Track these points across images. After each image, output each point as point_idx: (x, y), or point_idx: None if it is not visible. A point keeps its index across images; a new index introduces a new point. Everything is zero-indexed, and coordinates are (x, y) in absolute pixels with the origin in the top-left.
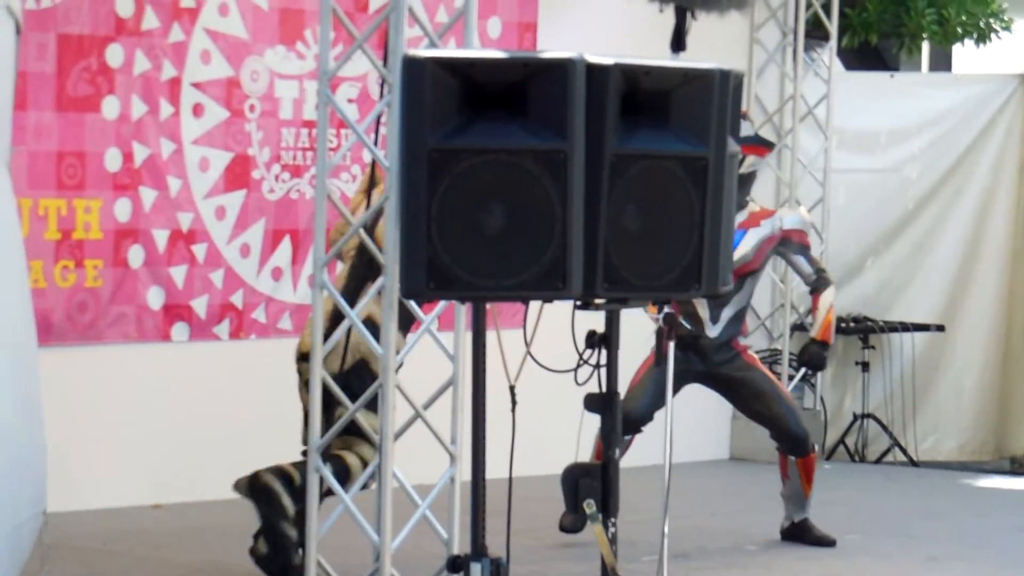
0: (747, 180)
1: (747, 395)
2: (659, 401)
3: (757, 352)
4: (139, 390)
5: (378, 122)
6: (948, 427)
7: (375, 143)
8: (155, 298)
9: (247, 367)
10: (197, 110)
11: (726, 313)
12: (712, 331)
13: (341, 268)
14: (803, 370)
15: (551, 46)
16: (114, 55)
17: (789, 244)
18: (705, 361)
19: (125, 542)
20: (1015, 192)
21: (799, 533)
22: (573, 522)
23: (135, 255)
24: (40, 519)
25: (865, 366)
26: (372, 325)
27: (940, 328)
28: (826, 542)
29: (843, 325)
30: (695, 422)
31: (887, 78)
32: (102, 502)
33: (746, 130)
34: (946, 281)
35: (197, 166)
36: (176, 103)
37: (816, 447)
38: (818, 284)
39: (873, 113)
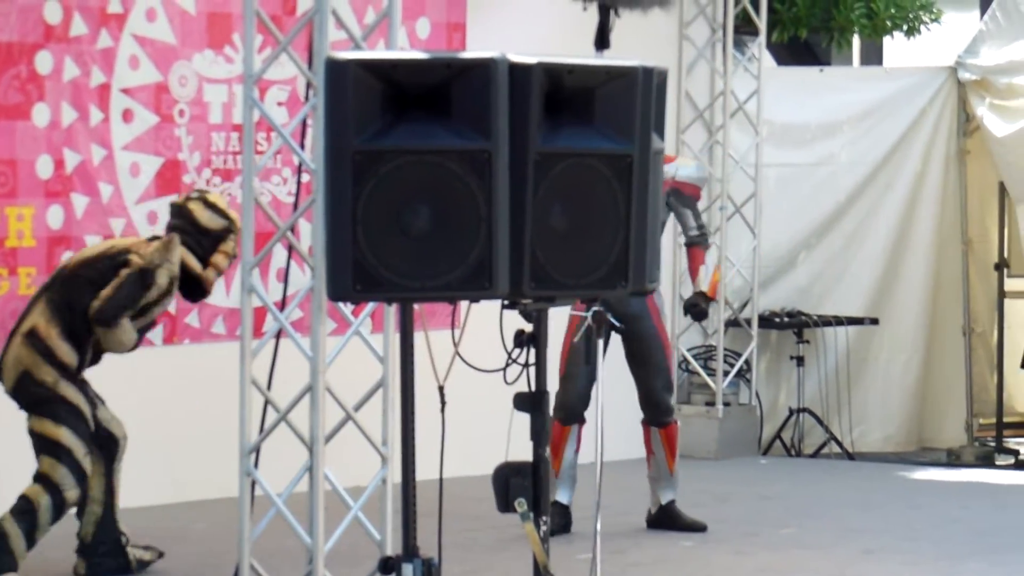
0: None
1: (637, 349)
2: (591, 382)
3: (691, 349)
4: None
5: (305, 125)
6: (873, 419)
7: (302, 146)
8: None
9: (181, 372)
10: (127, 116)
11: None
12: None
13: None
14: (738, 365)
15: (480, 46)
16: (43, 62)
17: (679, 195)
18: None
19: (59, 549)
20: (943, 184)
21: (667, 519)
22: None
23: None
24: None
25: (800, 360)
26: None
27: (874, 321)
28: (697, 527)
29: (777, 320)
30: (632, 419)
31: (817, 73)
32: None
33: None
34: (876, 273)
35: (128, 172)
36: (106, 109)
37: (677, 421)
38: (699, 239)
39: (804, 108)
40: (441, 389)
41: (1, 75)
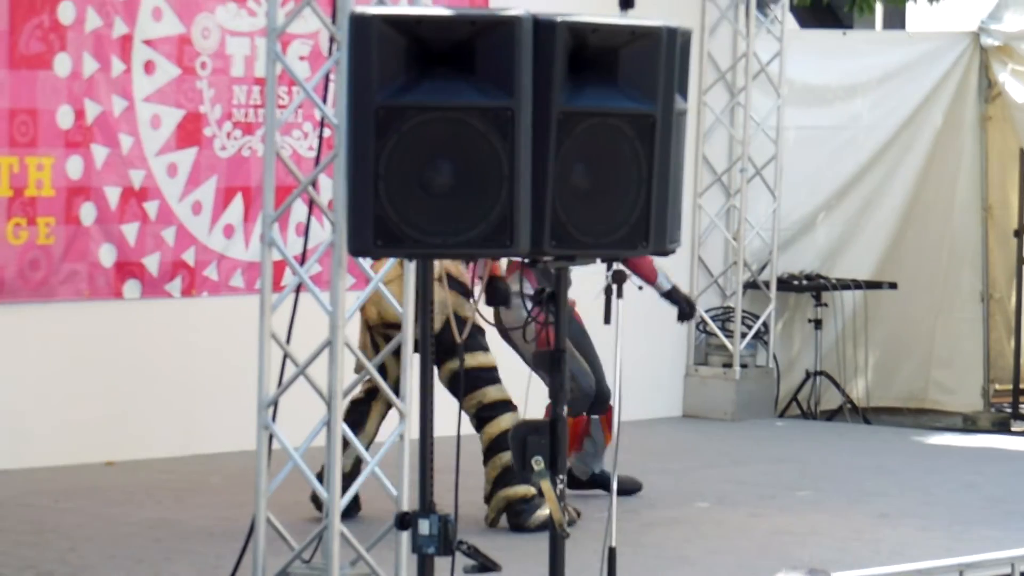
0: None
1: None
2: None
3: (709, 310)
4: (91, 347)
5: (327, 79)
6: (888, 382)
7: (324, 101)
8: (107, 255)
9: (199, 324)
10: (149, 67)
11: None
12: None
13: None
14: (755, 327)
15: (504, 3)
16: (66, 12)
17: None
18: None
19: (76, 499)
20: (963, 150)
21: (603, 482)
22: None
23: (87, 212)
24: None
25: (817, 323)
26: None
27: (892, 285)
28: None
29: (795, 283)
30: (649, 380)
31: (840, 36)
32: (54, 459)
33: None
34: (894, 237)
35: (149, 123)
36: (128, 60)
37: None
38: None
39: (825, 70)
40: (460, 346)
41: (23, 25)
